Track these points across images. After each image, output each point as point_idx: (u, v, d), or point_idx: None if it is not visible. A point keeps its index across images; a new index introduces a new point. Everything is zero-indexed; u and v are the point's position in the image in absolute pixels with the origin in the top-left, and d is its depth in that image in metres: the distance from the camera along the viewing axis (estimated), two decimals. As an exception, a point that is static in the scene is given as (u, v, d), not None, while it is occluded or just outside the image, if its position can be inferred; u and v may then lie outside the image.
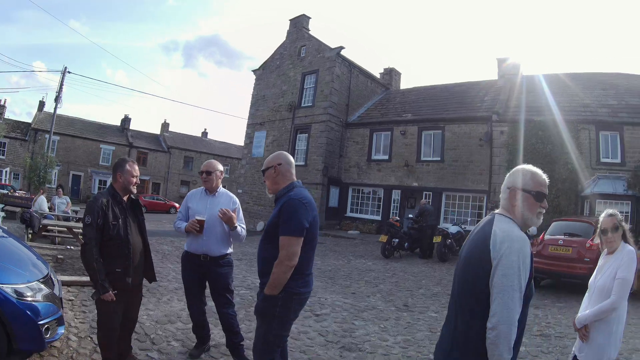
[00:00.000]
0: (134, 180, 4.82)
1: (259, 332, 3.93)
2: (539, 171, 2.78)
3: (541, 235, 13.07)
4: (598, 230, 4.15)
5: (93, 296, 4.55)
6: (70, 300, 7.37)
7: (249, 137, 32.76)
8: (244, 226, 5.64)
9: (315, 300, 9.26)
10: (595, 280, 4.09)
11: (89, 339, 5.72)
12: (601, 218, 4.15)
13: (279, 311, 3.75)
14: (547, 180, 2.78)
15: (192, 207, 5.58)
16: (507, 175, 2.84)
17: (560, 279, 12.18)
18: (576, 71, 26.80)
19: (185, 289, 5.69)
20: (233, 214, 5.34)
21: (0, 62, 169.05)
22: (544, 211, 2.75)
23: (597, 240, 4.20)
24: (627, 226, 4.09)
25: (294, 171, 4.12)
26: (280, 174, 4.02)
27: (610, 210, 4.16)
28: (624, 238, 4.03)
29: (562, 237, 12.16)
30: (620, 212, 4.37)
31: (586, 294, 4.17)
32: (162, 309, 7.63)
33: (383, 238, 16.94)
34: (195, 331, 5.76)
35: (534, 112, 21.95)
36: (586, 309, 4.00)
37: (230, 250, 5.57)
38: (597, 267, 4.19)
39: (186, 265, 5.59)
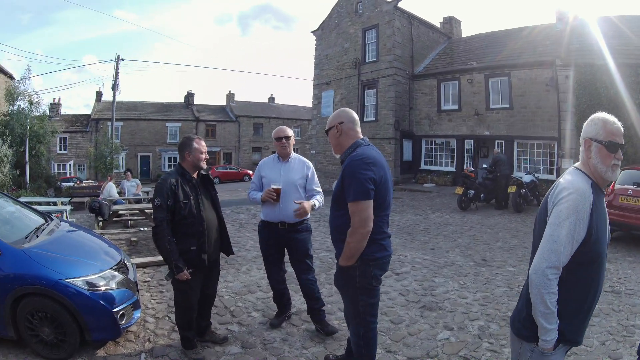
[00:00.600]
0: (203, 156, 4.85)
1: (347, 306, 3.97)
2: (611, 118, 2.66)
3: (612, 185, 12.43)
4: None
5: (167, 277, 4.71)
6: (146, 281, 7.66)
7: (317, 97, 32.89)
8: (320, 198, 5.52)
9: (395, 258, 9.24)
10: None
11: (167, 318, 5.94)
12: None
13: (359, 281, 3.67)
14: (621, 129, 2.65)
15: (266, 176, 5.51)
16: (584, 124, 2.78)
17: (630, 231, 11.47)
18: (628, 14, 25.79)
19: (264, 258, 5.67)
20: (307, 205, 5.19)
21: (49, 64, 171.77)
22: (620, 163, 2.64)
23: None
24: None
25: (358, 129, 3.95)
26: (344, 133, 3.88)
27: None
28: None
29: (632, 187, 11.54)
30: None
31: None
32: (242, 279, 7.85)
33: (459, 190, 17.22)
34: (276, 299, 5.81)
35: (594, 56, 21.12)
36: None
37: (308, 215, 5.36)
38: None
39: (264, 234, 5.57)
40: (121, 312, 4.86)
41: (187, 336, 4.88)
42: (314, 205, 5.34)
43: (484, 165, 18.89)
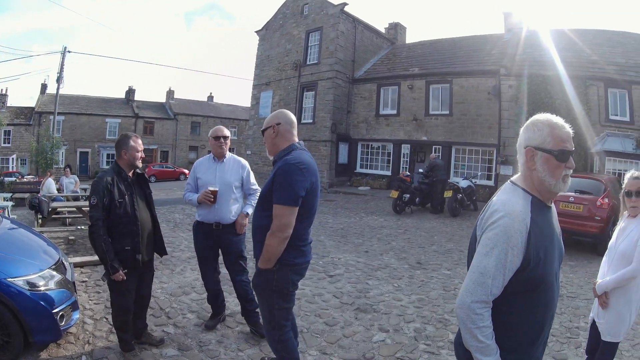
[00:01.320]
0: (139, 155, 4.76)
1: (263, 309, 3.89)
2: (559, 122, 2.26)
3: None
4: (622, 192, 3.94)
5: (103, 277, 4.59)
6: (83, 281, 7.41)
7: (255, 97, 32.56)
8: (254, 199, 5.43)
9: (329, 260, 9.35)
10: (616, 244, 3.93)
11: (105, 320, 5.75)
12: (626, 180, 3.94)
13: (276, 285, 3.64)
14: (570, 132, 2.26)
15: (201, 178, 5.48)
16: (521, 130, 2.38)
17: (571, 236, 11.78)
18: (583, 27, 26.61)
19: (199, 258, 5.61)
20: (244, 222, 5.41)
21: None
22: (571, 172, 2.27)
23: (607, 200, 4.00)
24: None
25: (295, 131, 3.87)
26: (280, 135, 3.78)
27: (635, 173, 3.92)
28: None
29: (573, 194, 11.97)
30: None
31: (605, 258, 4.03)
32: (176, 280, 7.67)
33: (394, 194, 16.96)
34: (210, 301, 5.73)
35: (541, 66, 21.70)
36: (605, 273, 3.90)
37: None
38: (617, 229, 4.02)
39: (199, 234, 5.52)
40: (61, 313, 4.64)
41: (124, 338, 4.77)
42: (248, 214, 5.42)
43: (420, 170, 18.95)
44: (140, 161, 4.78)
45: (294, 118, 3.92)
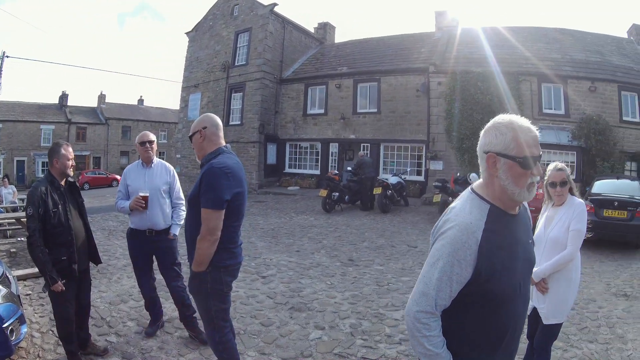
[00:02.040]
0: (70, 163, 4.66)
1: (201, 311, 3.90)
2: (524, 124, 2.08)
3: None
4: (545, 182, 4.09)
5: (44, 289, 4.50)
6: (27, 295, 7.23)
7: (184, 100, 32.04)
8: (183, 211, 5.52)
9: (261, 261, 9.31)
10: (545, 232, 4.05)
11: (51, 332, 5.63)
12: (548, 171, 4.05)
13: (211, 287, 3.69)
14: (537, 136, 2.09)
15: (131, 184, 5.44)
16: (482, 133, 2.18)
17: None
18: (519, 25, 27.32)
19: (134, 265, 5.57)
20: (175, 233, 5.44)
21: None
22: (538, 179, 2.11)
23: (541, 191, 4.13)
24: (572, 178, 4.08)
25: (221, 134, 3.93)
26: (207, 138, 3.83)
27: (558, 164, 4.05)
28: (571, 191, 4.04)
29: None
30: (565, 163, 4.33)
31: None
32: (114, 289, 7.54)
33: (323, 192, 16.97)
34: (148, 308, 5.68)
35: (473, 63, 22.13)
36: (538, 262, 3.89)
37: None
38: (543, 218, 4.17)
39: (132, 241, 5.49)
40: (10, 328, 4.48)
41: (71, 350, 4.69)
42: (175, 235, 5.48)
43: (349, 168, 19.04)
44: (71, 170, 4.71)
45: (219, 121, 3.97)
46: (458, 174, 18.09)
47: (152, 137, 5.51)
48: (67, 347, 4.68)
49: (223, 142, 3.90)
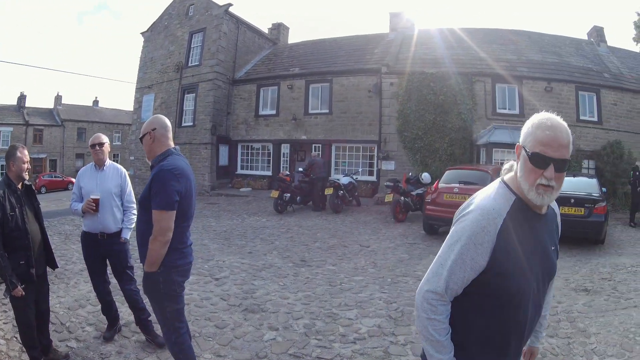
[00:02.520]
0: (25, 166, 4.64)
1: (156, 313, 3.92)
2: (548, 121, 2.01)
3: (435, 184, 13.33)
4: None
5: (5, 294, 4.56)
6: None
7: (138, 101, 31.48)
8: (133, 214, 5.44)
9: (214, 264, 9.30)
10: None
11: (15, 339, 5.56)
12: (502, 170, 3.92)
13: (163, 287, 3.72)
14: (558, 138, 1.95)
15: (84, 187, 5.39)
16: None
17: None
18: (476, 27, 27.76)
19: (89, 269, 5.54)
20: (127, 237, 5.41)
21: None
22: (554, 185, 1.98)
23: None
24: None
25: (170, 135, 3.98)
26: (156, 140, 3.88)
27: (514, 164, 3.90)
28: None
29: (458, 185, 12.48)
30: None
31: None
32: (72, 293, 7.42)
33: (274, 194, 17.02)
34: (104, 312, 5.62)
35: (427, 64, 22.32)
36: None
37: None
38: None
39: (86, 245, 5.43)
40: None
41: (34, 356, 4.66)
42: (127, 239, 5.45)
43: (300, 169, 19.17)
44: (26, 173, 4.68)
45: (168, 122, 4.02)
46: (410, 174, 18.14)
47: (104, 139, 5.47)
48: (30, 353, 4.66)
49: (172, 144, 3.94)
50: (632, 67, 25.70)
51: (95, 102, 64.63)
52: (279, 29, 33.81)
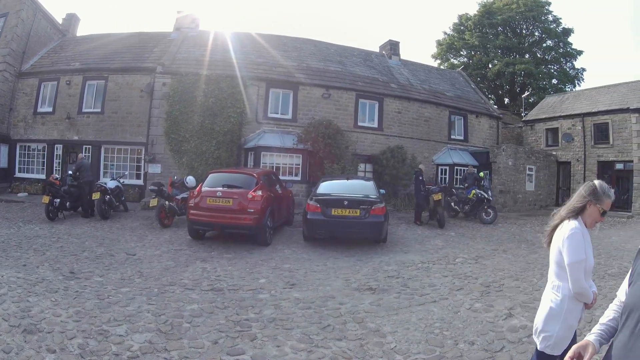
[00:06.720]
0: None
1: None
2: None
3: (198, 187, 13.54)
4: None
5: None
6: None
7: None
8: None
9: None
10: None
11: None
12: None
13: None
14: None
15: None
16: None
17: (224, 230, 12.85)
18: (266, 33, 29.01)
19: None
20: None
21: None
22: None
23: (265, 193, 3.98)
24: None
25: None
26: None
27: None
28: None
29: (221, 189, 12.68)
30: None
31: None
32: None
33: (45, 199, 16.22)
34: None
35: (200, 66, 23.17)
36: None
37: None
38: None
39: None
40: None
41: None
42: None
43: (69, 172, 18.94)
44: None
45: None
46: (175, 177, 18.36)
47: None
48: None
49: None
50: (424, 79, 28.72)
51: None
52: (71, 20, 32.00)
